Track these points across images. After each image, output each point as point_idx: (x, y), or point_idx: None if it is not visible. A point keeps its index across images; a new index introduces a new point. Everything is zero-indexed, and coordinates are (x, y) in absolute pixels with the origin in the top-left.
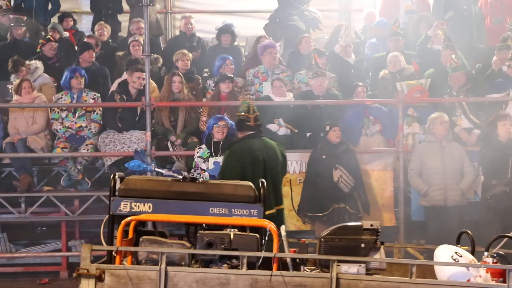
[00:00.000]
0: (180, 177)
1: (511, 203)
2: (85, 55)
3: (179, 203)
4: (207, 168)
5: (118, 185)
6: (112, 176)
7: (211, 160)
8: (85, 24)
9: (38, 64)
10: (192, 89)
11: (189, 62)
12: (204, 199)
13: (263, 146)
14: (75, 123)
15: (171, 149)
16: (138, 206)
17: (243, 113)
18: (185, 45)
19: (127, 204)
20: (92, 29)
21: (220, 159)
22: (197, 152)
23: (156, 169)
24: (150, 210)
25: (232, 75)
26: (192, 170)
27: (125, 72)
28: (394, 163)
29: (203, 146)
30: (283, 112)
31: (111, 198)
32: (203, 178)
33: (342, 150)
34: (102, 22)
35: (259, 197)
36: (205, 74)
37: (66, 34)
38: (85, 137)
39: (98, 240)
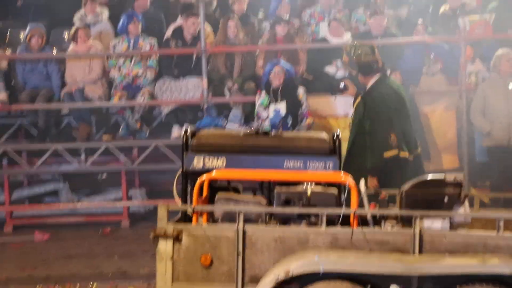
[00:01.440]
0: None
1: None
2: (140, 0)
3: (253, 157)
4: (267, 116)
5: (189, 140)
6: (183, 131)
7: (272, 107)
8: None
9: (104, 10)
10: (248, 33)
11: (245, 4)
12: (278, 152)
13: (396, 86)
14: (132, 70)
15: (228, 95)
16: (212, 161)
17: (369, 55)
18: None
19: (200, 160)
20: None
21: (280, 105)
22: (257, 99)
23: (225, 122)
24: (223, 165)
25: (287, 17)
26: (254, 121)
27: (179, 17)
28: (457, 102)
29: (263, 93)
30: (340, 53)
31: (184, 154)
32: (262, 127)
33: None
34: None
35: (334, 149)
36: (260, 16)
37: None
38: (141, 86)
39: (160, 189)
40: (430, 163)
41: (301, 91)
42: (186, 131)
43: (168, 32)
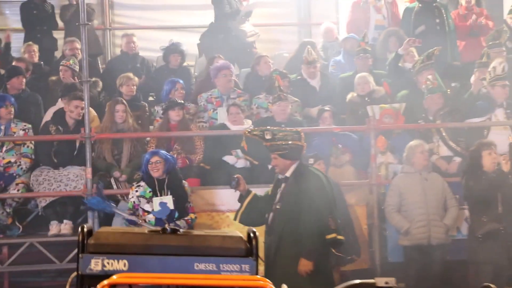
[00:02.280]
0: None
1: (506, 241)
2: (14, 82)
3: (159, 259)
4: (152, 210)
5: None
6: (80, 228)
7: (156, 200)
8: (15, 43)
9: None
10: (137, 118)
11: (134, 87)
12: (187, 253)
13: (319, 172)
14: (3, 158)
15: (115, 186)
16: (112, 263)
17: (295, 141)
18: (127, 66)
19: (98, 262)
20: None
21: (166, 199)
22: (136, 191)
23: (116, 210)
24: (125, 268)
25: (182, 101)
26: (131, 213)
27: (60, 100)
28: (367, 197)
29: (142, 183)
30: (241, 142)
31: (79, 255)
32: (145, 221)
33: None
34: (31, 43)
35: (251, 249)
36: (151, 98)
37: None
38: (15, 175)
39: None
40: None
41: (185, 184)
42: (82, 229)
43: (47, 116)
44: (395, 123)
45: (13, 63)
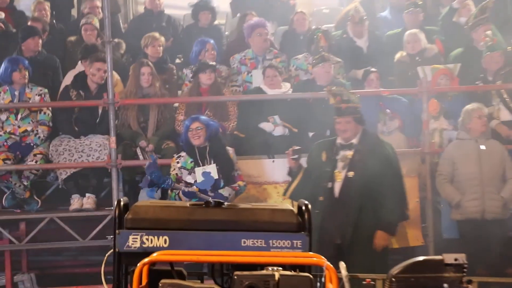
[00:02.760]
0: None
1: None
2: (29, 43)
3: (203, 235)
4: (195, 181)
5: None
6: (116, 202)
7: (198, 170)
8: (25, 1)
9: None
10: (165, 82)
11: (161, 48)
12: (233, 228)
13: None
14: (18, 126)
15: (141, 157)
16: (151, 240)
17: (360, 104)
18: (152, 26)
19: (137, 238)
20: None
21: (210, 168)
22: (177, 162)
23: (176, 185)
24: (166, 245)
25: (214, 63)
26: (172, 185)
27: (79, 62)
28: (419, 167)
29: (183, 153)
30: (278, 107)
31: (116, 231)
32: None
33: None
34: (42, 0)
35: (304, 223)
36: (179, 61)
37: (1, 14)
38: (32, 144)
39: (54, 273)
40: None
41: (230, 151)
42: (119, 203)
43: (67, 80)
44: (450, 85)
45: (29, 23)
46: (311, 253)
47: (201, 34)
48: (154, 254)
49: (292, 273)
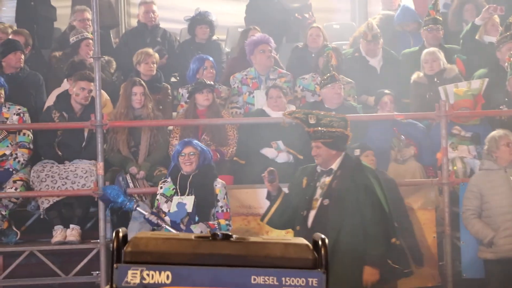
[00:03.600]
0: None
1: None
2: (11, 58)
3: (209, 271)
4: (168, 210)
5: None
6: (114, 233)
7: (175, 199)
8: (6, 12)
9: None
10: (158, 103)
11: (155, 65)
12: (243, 264)
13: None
14: None
15: (131, 184)
16: (152, 275)
17: (341, 129)
18: (145, 41)
19: (136, 274)
20: (17, 19)
21: (187, 199)
22: (161, 187)
23: (139, 208)
24: (169, 282)
25: (212, 82)
26: (153, 211)
27: (65, 80)
28: (437, 199)
29: (168, 179)
30: (282, 131)
31: (114, 265)
32: (163, 226)
33: None
34: None
35: (320, 260)
36: (174, 79)
37: None
38: (11, 170)
39: None
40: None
41: (218, 184)
42: (117, 234)
43: (50, 100)
44: (472, 108)
45: (10, 36)
46: None
47: (199, 51)
48: None
49: None
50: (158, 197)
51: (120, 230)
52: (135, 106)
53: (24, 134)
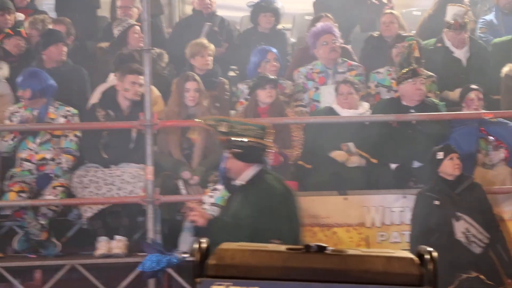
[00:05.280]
0: None
1: None
2: (52, 51)
3: (302, 286)
4: None
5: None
6: (197, 244)
7: None
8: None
9: (3, 65)
10: (215, 100)
11: (211, 58)
12: (339, 279)
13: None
14: (36, 153)
15: (184, 191)
16: None
17: (256, 139)
18: (201, 31)
19: None
20: (57, 7)
21: None
22: (210, 196)
23: (184, 255)
24: None
25: (276, 77)
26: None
27: (112, 75)
28: None
29: (220, 186)
30: (354, 132)
31: (197, 280)
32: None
33: (465, 189)
34: None
35: (428, 276)
36: (233, 73)
37: (20, 15)
38: (52, 175)
39: None
40: None
41: None
42: (200, 245)
43: (95, 97)
44: None
45: (50, 26)
46: None
47: (261, 41)
48: None
49: None
50: (207, 207)
51: (203, 240)
52: (188, 103)
53: (71, 140)
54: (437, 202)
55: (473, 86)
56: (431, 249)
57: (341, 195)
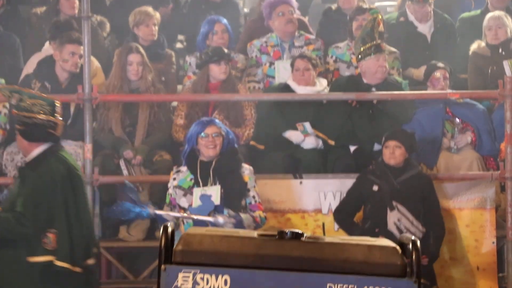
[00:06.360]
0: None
1: None
2: None
3: (276, 275)
4: (190, 205)
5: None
6: (162, 228)
7: (197, 191)
8: None
9: None
10: (160, 73)
11: (156, 27)
12: (316, 269)
13: (72, 162)
14: None
15: (125, 171)
16: (207, 280)
17: (44, 116)
18: None
19: (188, 277)
20: None
21: (212, 190)
22: (174, 179)
23: (158, 212)
24: (227, 287)
25: (227, 50)
26: (165, 209)
27: (47, 43)
28: (497, 197)
29: (183, 168)
30: (310, 111)
31: (162, 267)
32: (183, 222)
33: (408, 178)
34: None
35: (411, 266)
36: (180, 45)
37: None
38: None
39: None
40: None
41: (246, 170)
42: (165, 229)
43: (29, 67)
44: None
45: None
46: None
47: (211, 11)
48: None
49: None
50: (171, 191)
51: (169, 224)
52: (131, 77)
53: (0, 112)
54: (375, 188)
55: (439, 64)
56: (414, 237)
57: (296, 179)
